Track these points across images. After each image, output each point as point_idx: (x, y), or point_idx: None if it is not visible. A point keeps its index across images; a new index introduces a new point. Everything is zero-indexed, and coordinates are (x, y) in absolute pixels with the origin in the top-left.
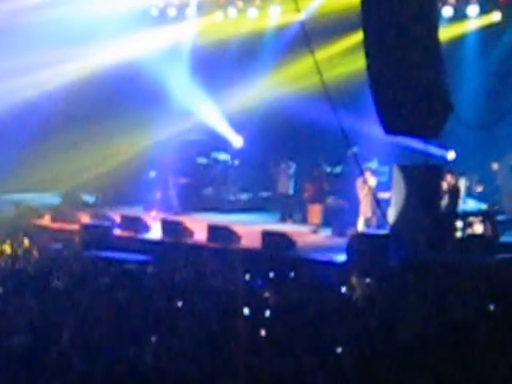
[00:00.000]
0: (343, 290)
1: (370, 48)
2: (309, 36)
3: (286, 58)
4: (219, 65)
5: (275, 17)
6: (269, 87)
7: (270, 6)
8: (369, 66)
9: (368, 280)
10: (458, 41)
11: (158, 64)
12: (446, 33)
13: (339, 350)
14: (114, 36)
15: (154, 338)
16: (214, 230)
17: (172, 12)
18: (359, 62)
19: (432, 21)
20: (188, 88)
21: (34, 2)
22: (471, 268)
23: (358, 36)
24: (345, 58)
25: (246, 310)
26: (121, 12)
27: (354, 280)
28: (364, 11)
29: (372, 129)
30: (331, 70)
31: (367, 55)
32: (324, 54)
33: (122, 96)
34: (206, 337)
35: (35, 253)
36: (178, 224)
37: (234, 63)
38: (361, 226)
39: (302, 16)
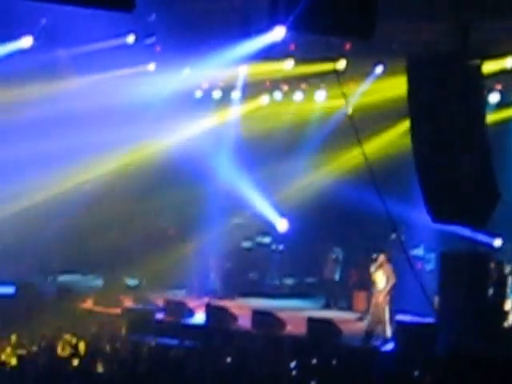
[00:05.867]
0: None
1: (417, 137)
2: (355, 124)
3: (332, 144)
4: (264, 151)
5: (321, 101)
6: (315, 173)
7: (315, 90)
8: (415, 155)
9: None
10: (504, 125)
11: (203, 147)
12: (492, 118)
13: None
14: (159, 119)
15: None
16: (258, 316)
17: (217, 94)
18: (406, 150)
19: (479, 108)
20: (232, 172)
21: (77, 87)
22: None
23: (405, 124)
24: (392, 146)
25: None
26: (165, 94)
27: None
28: (411, 100)
29: (418, 215)
30: (378, 157)
31: (414, 144)
32: (371, 142)
33: (166, 179)
34: None
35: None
36: (222, 309)
37: (279, 151)
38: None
39: (347, 104)
